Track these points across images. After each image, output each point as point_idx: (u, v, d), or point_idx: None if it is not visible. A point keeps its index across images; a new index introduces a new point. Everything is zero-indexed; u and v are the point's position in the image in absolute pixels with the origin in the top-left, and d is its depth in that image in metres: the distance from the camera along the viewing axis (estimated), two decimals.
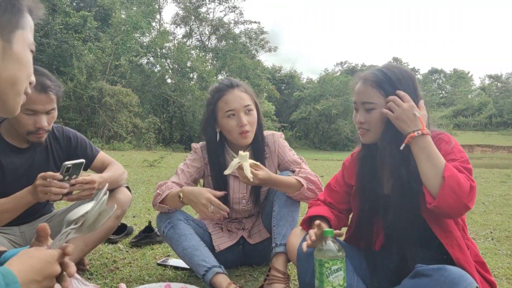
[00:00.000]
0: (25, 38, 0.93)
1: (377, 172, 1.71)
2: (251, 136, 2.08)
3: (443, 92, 60.06)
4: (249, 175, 1.83)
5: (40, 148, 2.09)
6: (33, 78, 0.97)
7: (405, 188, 1.56)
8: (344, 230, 1.92)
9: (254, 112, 2.09)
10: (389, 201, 1.65)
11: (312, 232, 1.56)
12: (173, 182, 2.10)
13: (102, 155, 2.30)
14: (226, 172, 1.90)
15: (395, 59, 55.29)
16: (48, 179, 1.76)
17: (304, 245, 1.55)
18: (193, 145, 2.25)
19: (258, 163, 1.91)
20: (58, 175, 1.78)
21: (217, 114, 2.09)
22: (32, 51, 0.96)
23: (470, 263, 1.47)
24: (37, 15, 0.99)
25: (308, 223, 1.77)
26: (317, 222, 1.60)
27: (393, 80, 1.58)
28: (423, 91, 1.66)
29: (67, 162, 1.79)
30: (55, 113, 2.00)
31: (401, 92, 1.55)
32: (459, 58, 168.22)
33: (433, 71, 62.80)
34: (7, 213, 1.83)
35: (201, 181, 2.29)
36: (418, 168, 1.49)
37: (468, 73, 61.13)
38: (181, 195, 1.93)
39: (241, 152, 1.88)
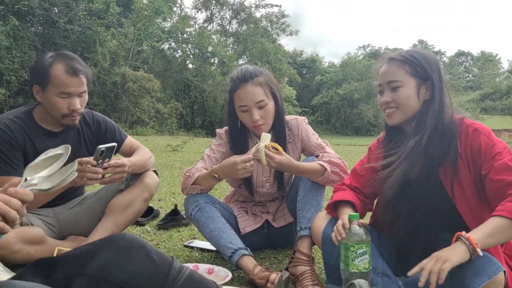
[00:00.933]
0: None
1: (402, 157, 1.70)
2: (265, 127, 2.09)
3: (470, 75, 58.51)
4: (263, 161, 1.88)
5: (72, 132, 2.17)
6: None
7: (434, 174, 1.56)
8: (369, 214, 1.94)
9: (269, 106, 2.07)
10: (415, 186, 1.66)
11: (341, 229, 1.55)
12: (201, 167, 2.14)
13: (130, 140, 2.35)
14: (252, 151, 1.93)
15: (420, 41, 54.05)
16: (83, 165, 1.83)
17: (333, 237, 1.57)
18: (218, 130, 2.28)
19: (280, 149, 1.94)
20: (93, 161, 1.85)
21: (234, 104, 2.11)
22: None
23: (499, 254, 1.47)
24: None
25: (333, 207, 1.79)
26: (347, 221, 1.56)
27: (419, 59, 1.59)
28: (449, 74, 1.64)
29: (101, 146, 1.86)
30: (86, 96, 2.06)
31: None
32: (487, 40, 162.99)
33: (460, 54, 61.14)
34: (43, 196, 1.91)
35: None
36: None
37: (496, 55, 59.22)
38: (216, 175, 1.98)
39: (263, 134, 1.93)
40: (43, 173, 1.07)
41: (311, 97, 39.00)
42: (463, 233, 1.37)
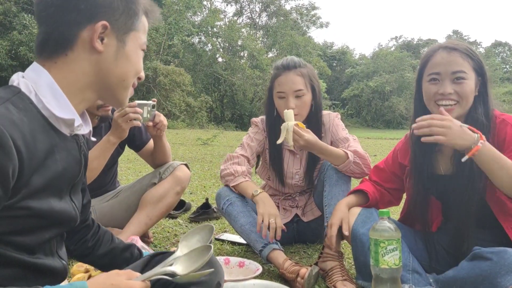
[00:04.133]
0: (137, 39, 1.01)
1: (432, 152, 1.69)
2: (299, 118, 2.11)
3: (507, 66, 56.35)
4: (290, 142, 1.89)
5: (105, 126, 2.25)
6: (142, 74, 1.06)
7: (469, 170, 1.55)
8: (397, 209, 1.93)
9: (306, 97, 2.11)
10: (446, 181, 1.64)
11: (332, 241, 1.76)
12: (241, 154, 2.19)
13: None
14: (279, 141, 1.96)
15: (455, 31, 52.35)
16: (123, 110, 1.94)
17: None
18: (254, 119, 2.33)
19: (304, 127, 1.95)
20: (133, 103, 1.98)
21: (273, 92, 2.16)
22: (143, 50, 1.05)
23: None
24: (153, 16, 1.07)
25: None
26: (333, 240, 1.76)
27: (476, 54, 1.57)
28: (485, 65, 1.62)
29: (151, 102, 2.02)
30: None
31: (439, 112, 1.51)
32: None
33: (497, 44, 58.87)
34: (96, 160, 1.99)
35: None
36: (488, 175, 1.44)
37: None
38: (255, 195, 1.99)
39: (286, 111, 1.94)
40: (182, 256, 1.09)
41: (342, 90, 38.56)
42: (483, 137, 1.42)
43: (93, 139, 1.12)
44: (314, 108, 2.16)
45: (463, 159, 1.43)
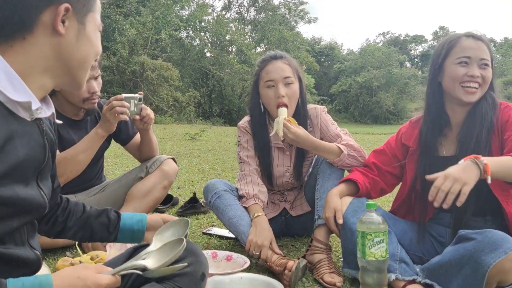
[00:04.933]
0: (95, 20, 1.00)
1: (439, 134, 1.75)
2: (289, 109, 2.09)
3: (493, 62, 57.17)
4: (280, 133, 1.90)
5: (90, 120, 2.22)
6: (98, 57, 1.05)
7: (474, 149, 1.60)
8: (388, 203, 1.94)
9: (295, 86, 2.10)
10: (448, 162, 1.67)
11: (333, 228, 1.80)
12: (251, 170, 2.16)
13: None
14: (272, 134, 1.99)
15: (442, 28, 52.76)
16: (110, 103, 1.95)
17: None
18: (240, 125, 2.26)
19: (296, 123, 1.96)
20: (119, 96, 2.00)
21: (259, 84, 2.13)
22: (100, 31, 1.04)
23: None
24: None
25: None
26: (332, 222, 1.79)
27: (490, 46, 1.72)
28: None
29: (137, 95, 2.04)
30: (101, 79, 2.12)
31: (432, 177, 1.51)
32: (511, 27, 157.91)
33: None
34: (83, 153, 1.99)
35: None
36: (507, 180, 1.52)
37: None
38: (254, 219, 1.97)
39: (280, 108, 1.97)
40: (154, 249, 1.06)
41: (330, 85, 38.64)
42: (480, 156, 1.44)
43: (59, 121, 1.07)
44: (300, 101, 2.14)
45: (489, 181, 1.42)
